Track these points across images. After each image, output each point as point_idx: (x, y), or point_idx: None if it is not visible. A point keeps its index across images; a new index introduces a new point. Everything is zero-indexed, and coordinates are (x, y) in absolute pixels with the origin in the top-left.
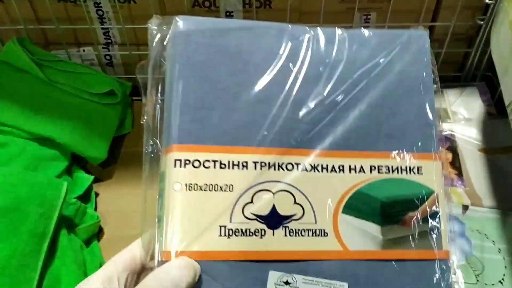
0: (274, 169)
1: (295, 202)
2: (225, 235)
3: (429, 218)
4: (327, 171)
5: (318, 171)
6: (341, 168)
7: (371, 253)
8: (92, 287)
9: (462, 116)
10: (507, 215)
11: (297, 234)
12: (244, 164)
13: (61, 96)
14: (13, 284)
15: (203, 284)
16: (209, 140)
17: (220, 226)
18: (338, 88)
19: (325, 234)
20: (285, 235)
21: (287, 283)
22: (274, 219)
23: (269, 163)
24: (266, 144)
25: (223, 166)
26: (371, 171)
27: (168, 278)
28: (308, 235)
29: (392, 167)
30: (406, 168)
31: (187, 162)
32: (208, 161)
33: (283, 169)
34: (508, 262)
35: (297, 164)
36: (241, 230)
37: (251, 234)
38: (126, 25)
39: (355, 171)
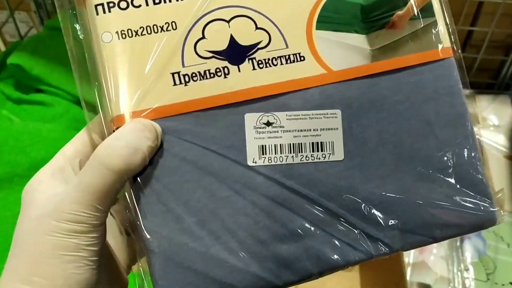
0: None
1: (256, 28)
2: (181, 83)
3: (421, 13)
4: None
5: None
6: None
7: (360, 69)
8: (43, 180)
9: (492, 122)
10: None
11: (267, 64)
12: None
13: None
14: None
15: (170, 146)
16: None
17: (173, 74)
18: None
19: (302, 58)
20: (254, 68)
21: (268, 123)
22: (235, 52)
23: None
24: None
25: (157, 1)
26: None
27: (123, 145)
28: (282, 63)
29: None
30: None
31: (111, 4)
32: None
33: None
34: None
35: None
36: (199, 73)
37: (212, 75)
38: None
39: None
